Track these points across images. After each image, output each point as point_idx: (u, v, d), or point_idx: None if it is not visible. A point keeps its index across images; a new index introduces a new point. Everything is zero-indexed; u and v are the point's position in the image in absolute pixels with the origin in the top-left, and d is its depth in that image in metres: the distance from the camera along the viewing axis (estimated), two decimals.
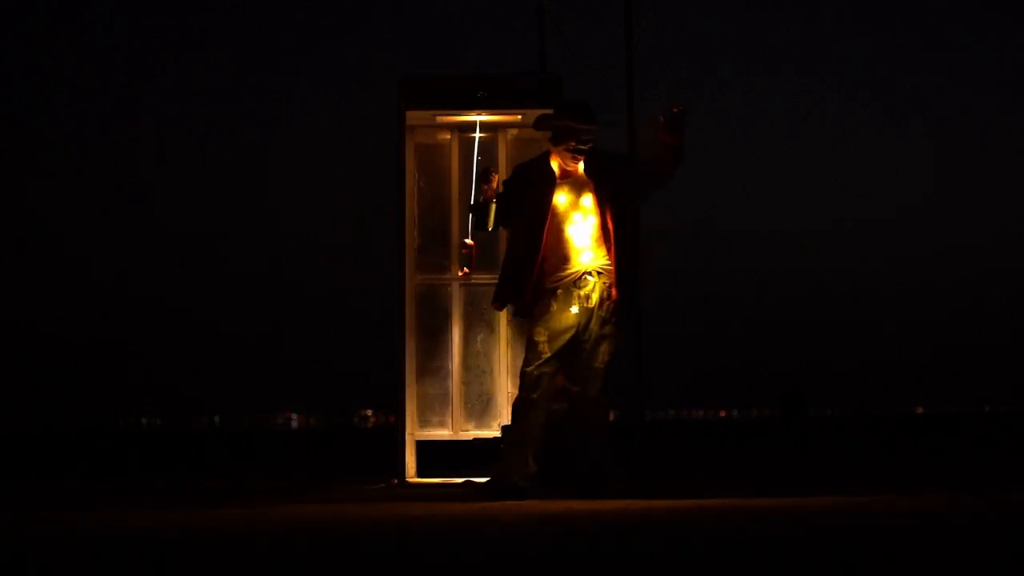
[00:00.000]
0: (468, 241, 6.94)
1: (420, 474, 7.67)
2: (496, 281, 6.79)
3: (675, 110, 6.47)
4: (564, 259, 6.50)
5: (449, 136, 7.84)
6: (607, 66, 8.09)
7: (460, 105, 7.60)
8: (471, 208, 6.80)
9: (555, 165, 6.60)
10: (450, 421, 7.70)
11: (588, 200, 6.53)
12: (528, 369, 6.44)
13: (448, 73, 7.65)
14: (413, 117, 7.64)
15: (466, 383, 7.73)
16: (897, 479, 7.39)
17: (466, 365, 7.75)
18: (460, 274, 7.38)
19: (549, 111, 6.78)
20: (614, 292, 6.48)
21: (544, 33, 8.21)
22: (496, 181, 6.65)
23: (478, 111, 7.61)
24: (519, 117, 7.67)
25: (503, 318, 7.72)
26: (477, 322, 7.77)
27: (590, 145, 6.53)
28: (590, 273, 6.49)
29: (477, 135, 7.75)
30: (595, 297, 6.47)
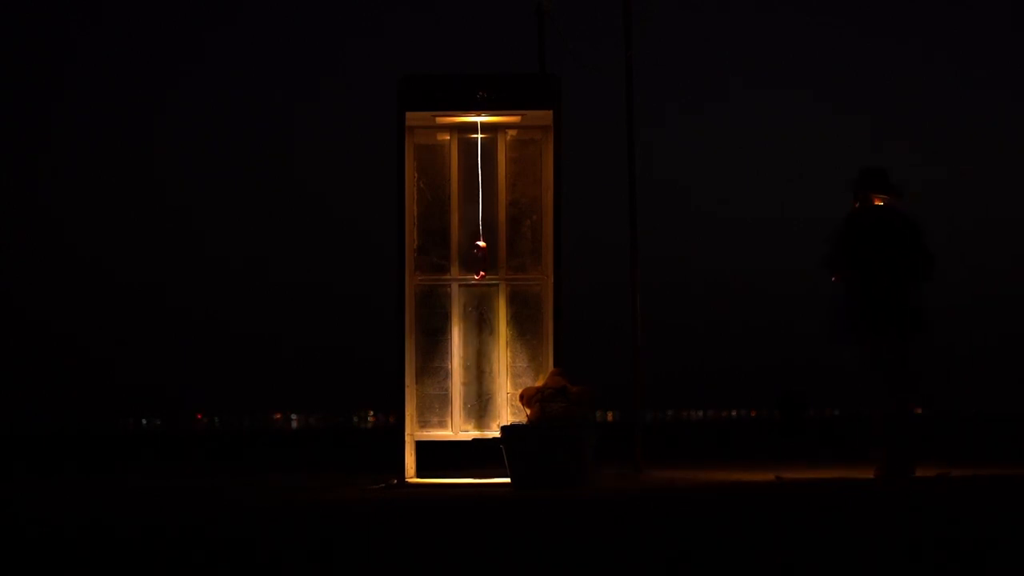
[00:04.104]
0: (480, 244, 7.20)
1: (420, 474, 7.67)
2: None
3: None
4: None
5: (448, 137, 7.84)
6: (607, 66, 8.11)
7: (460, 105, 7.60)
8: None
9: None
10: (450, 421, 7.70)
11: None
12: None
13: (448, 73, 7.64)
14: (413, 118, 7.64)
15: (466, 383, 7.73)
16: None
17: (466, 365, 7.75)
18: (477, 277, 7.61)
19: (548, 112, 6.80)
20: None
21: (544, 33, 8.22)
22: None
23: (478, 111, 7.61)
24: (519, 117, 7.67)
25: (503, 318, 7.72)
26: (477, 322, 7.77)
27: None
28: None
29: (479, 136, 7.76)
30: None
